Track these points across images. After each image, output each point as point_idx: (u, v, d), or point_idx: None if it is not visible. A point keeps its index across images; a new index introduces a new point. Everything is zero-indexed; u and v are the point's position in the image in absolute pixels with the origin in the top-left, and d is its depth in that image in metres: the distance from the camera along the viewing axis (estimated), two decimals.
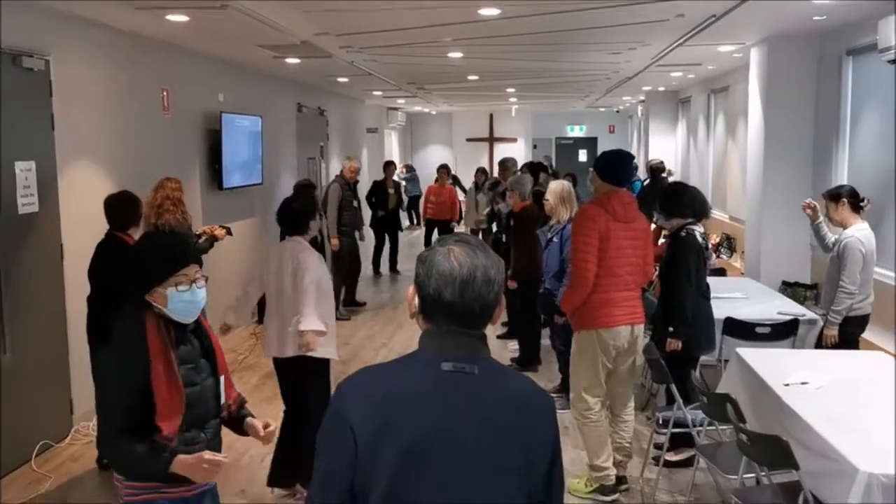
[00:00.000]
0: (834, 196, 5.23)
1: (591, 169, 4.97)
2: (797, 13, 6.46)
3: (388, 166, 12.14)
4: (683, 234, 4.77)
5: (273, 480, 4.57)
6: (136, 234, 4.91)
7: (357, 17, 6.20)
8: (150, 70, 6.95)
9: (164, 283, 2.60)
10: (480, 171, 12.43)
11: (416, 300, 1.68)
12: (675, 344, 4.68)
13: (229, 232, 6.10)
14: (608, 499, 4.47)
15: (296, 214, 4.51)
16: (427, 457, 1.56)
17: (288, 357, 4.35)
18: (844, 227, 5.15)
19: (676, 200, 4.94)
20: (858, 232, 5.08)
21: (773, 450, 3.29)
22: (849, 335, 5.15)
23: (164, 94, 7.20)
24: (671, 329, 4.67)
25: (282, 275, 4.36)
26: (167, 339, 2.63)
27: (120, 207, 4.97)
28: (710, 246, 5.00)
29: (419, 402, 1.59)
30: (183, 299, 2.63)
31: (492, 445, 1.59)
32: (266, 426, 2.85)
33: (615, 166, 4.46)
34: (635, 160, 7.53)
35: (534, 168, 9.70)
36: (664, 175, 11.45)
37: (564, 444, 5.40)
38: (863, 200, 5.23)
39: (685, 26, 6.82)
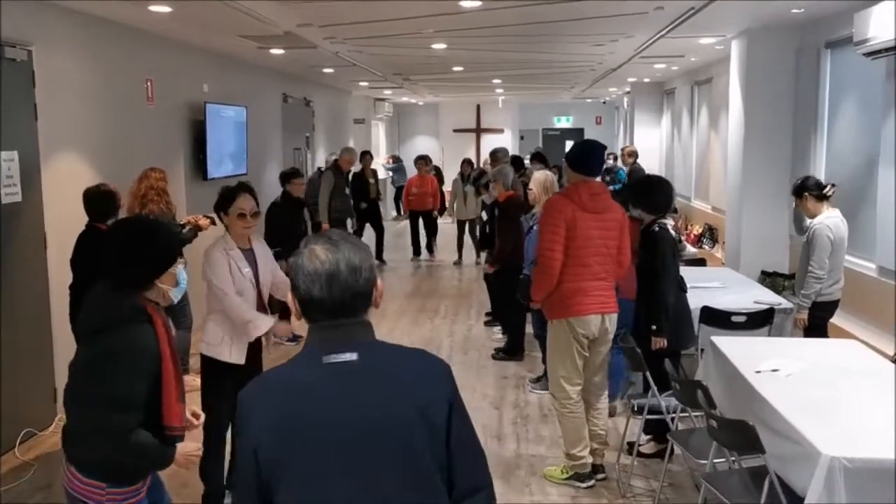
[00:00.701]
0: (796, 191, 5.40)
1: (562, 160, 5.00)
2: (776, 6, 6.54)
3: (365, 156, 12.18)
4: (656, 228, 4.74)
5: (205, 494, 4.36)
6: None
7: (338, 8, 6.24)
8: (134, 60, 6.96)
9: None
10: (466, 163, 12.50)
11: (296, 304, 1.76)
12: (660, 342, 4.63)
13: (213, 222, 6.13)
14: (584, 485, 4.54)
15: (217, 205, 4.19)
16: (324, 449, 1.65)
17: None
18: (814, 216, 5.30)
19: (647, 194, 4.91)
20: (828, 219, 5.24)
21: (739, 434, 3.37)
22: (818, 319, 5.29)
23: (149, 84, 7.22)
24: (654, 328, 4.62)
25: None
26: (169, 328, 2.67)
27: (98, 200, 5.03)
28: (682, 238, 5.02)
29: (307, 399, 1.68)
30: (183, 277, 2.69)
31: (384, 422, 1.66)
32: (195, 415, 2.87)
33: (585, 156, 4.50)
34: (608, 150, 7.60)
35: (515, 161, 9.75)
36: (635, 162, 11.58)
37: (541, 429, 5.50)
38: (825, 188, 5.32)
39: (665, 19, 6.89)
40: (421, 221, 12.77)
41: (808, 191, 5.31)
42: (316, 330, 1.74)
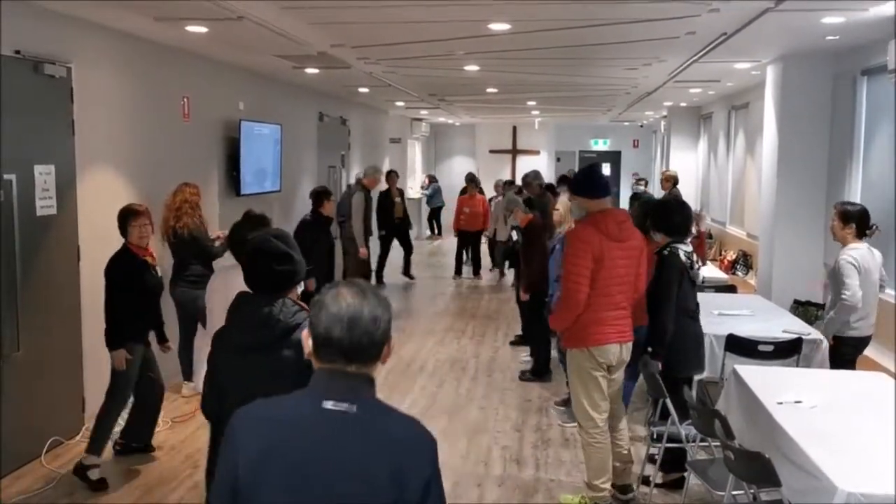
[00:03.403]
0: (844, 216, 5.22)
1: (569, 195, 4.90)
2: (810, 32, 6.48)
3: (391, 175, 12.27)
4: (666, 252, 4.72)
5: None
6: (133, 239, 5.05)
7: (368, 29, 6.32)
8: (170, 78, 7.11)
9: None
10: (508, 184, 12.50)
11: (310, 341, 1.80)
12: (654, 366, 4.59)
13: None
14: None
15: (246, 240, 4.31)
16: (302, 487, 1.70)
17: None
18: (843, 244, 5.19)
19: (663, 217, 4.88)
20: (853, 251, 5.12)
21: (755, 466, 3.32)
22: (846, 355, 5.17)
23: (185, 101, 7.36)
24: (649, 349, 4.62)
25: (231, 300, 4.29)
26: None
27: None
28: (697, 264, 4.94)
29: (298, 436, 1.73)
30: None
31: (362, 480, 1.69)
32: None
33: (594, 180, 4.45)
34: (640, 175, 7.49)
35: (549, 188, 9.74)
36: (673, 187, 11.47)
37: (562, 454, 5.46)
38: (871, 228, 5.21)
39: (697, 44, 6.86)
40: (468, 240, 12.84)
41: (854, 221, 5.18)
42: (324, 373, 1.78)
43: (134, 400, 5.32)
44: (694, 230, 5.20)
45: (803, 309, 7.57)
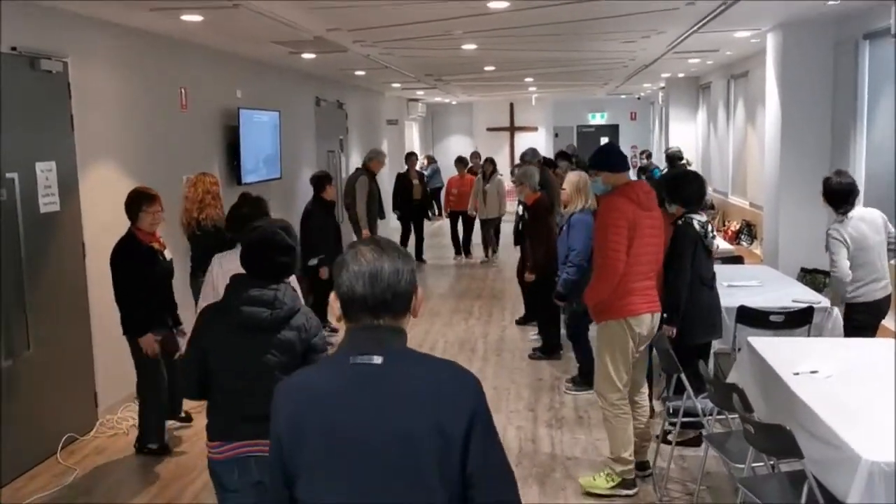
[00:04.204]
0: (823, 187, 5.27)
1: (592, 173, 4.92)
2: None
3: (410, 157, 12.23)
4: (681, 222, 4.83)
5: None
6: (145, 225, 5.04)
7: (365, 12, 6.24)
8: (167, 68, 7.05)
9: None
10: (488, 162, 12.44)
11: (337, 303, 1.80)
12: (669, 331, 4.72)
13: None
14: (631, 492, 4.44)
15: (246, 220, 4.30)
16: (338, 447, 1.70)
17: None
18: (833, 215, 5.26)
19: (678, 188, 5.01)
20: (838, 224, 5.15)
21: (776, 439, 3.31)
22: (860, 322, 5.17)
23: (182, 91, 7.30)
24: (664, 315, 4.68)
25: None
26: None
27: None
28: (711, 233, 5.00)
29: (329, 397, 1.74)
30: None
31: (400, 431, 1.68)
32: None
33: (613, 155, 4.49)
34: (643, 148, 7.47)
35: (547, 162, 9.68)
36: (682, 162, 11.41)
37: (577, 431, 5.46)
38: (848, 205, 5.15)
39: (697, 14, 6.78)
40: (460, 222, 12.81)
41: (826, 197, 5.22)
42: (351, 332, 1.79)
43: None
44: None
45: (811, 277, 7.55)
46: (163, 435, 5.35)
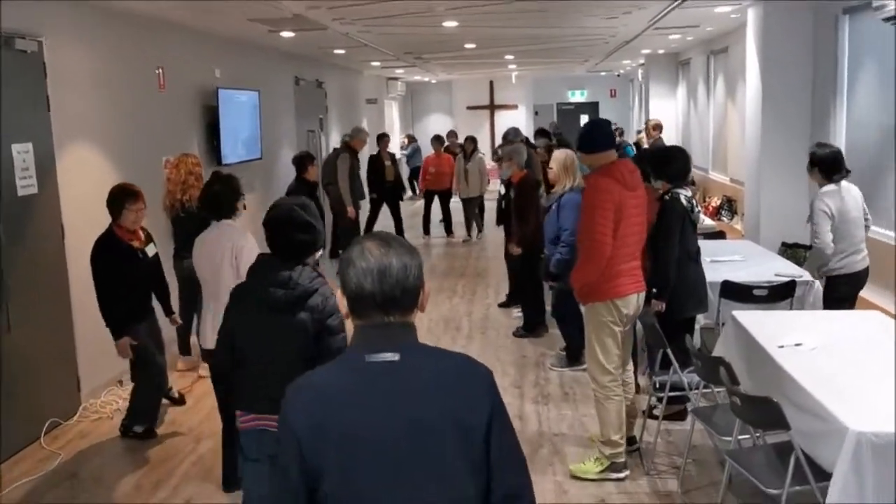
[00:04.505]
0: (811, 159, 5.36)
1: (577, 152, 4.91)
2: None
3: (383, 138, 12.15)
4: (668, 197, 4.82)
5: (229, 483, 4.34)
6: (127, 223, 4.98)
7: None
8: (144, 48, 6.94)
9: None
10: (469, 140, 12.39)
11: (345, 301, 1.78)
12: (658, 305, 4.71)
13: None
14: (622, 475, 4.41)
15: (218, 198, 4.35)
16: (361, 449, 1.68)
17: None
18: (820, 186, 5.31)
19: (664, 164, 4.97)
20: (824, 195, 5.22)
21: (763, 411, 3.34)
22: (842, 293, 5.24)
23: (160, 71, 7.20)
24: (654, 290, 4.68)
25: (217, 261, 4.23)
26: None
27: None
28: (697, 208, 5.02)
29: (346, 399, 1.71)
30: None
31: (418, 428, 1.67)
32: None
33: (599, 133, 4.40)
34: (614, 125, 7.51)
35: (526, 143, 9.64)
36: (659, 137, 11.43)
37: (563, 408, 5.49)
38: (840, 173, 5.24)
39: None
40: (437, 201, 12.76)
41: (817, 165, 5.27)
42: (361, 330, 1.77)
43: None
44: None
45: (792, 251, 7.60)
46: (154, 419, 5.32)
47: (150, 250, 5.19)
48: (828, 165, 5.24)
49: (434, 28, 8.80)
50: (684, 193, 4.84)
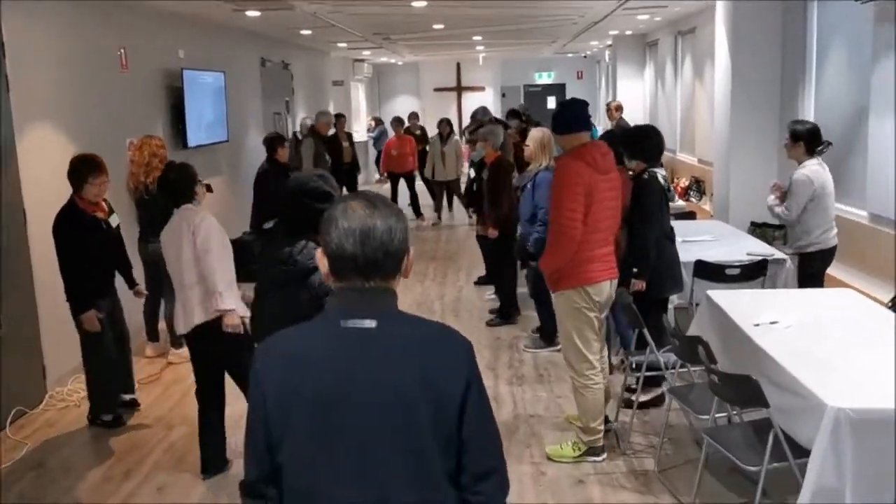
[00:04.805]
0: (793, 134, 5.40)
1: (552, 134, 4.86)
2: None
3: (339, 119, 12.01)
4: (646, 176, 4.77)
5: (208, 467, 4.35)
6: (90, 195, 4.86)
7: None
8: (106, 28, 6.75)
9: None
10: (444, 123, 12.32)
11: (325, 261, 1.71)
12: (639, 284, 4.66)
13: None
14: (599, 459, 4.39)
15: (174, 185, 4.27)
16: (330, 414, 1.63)
17: (200, 327, 4.12)
18: (798, 163, 5.37)
19: (638, 143, 4.89)
20: (805, 168, 5.30)
21: (742, 389, 3.35)
22: (815, 269, 5.31)
23: (122, 52, 7.01)
24: (635, 270, 4.66)
25: (179, 245, 4.14)
26: None
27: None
28: (671, 187, 5.03)
29: (319, 362, 1.65)
30: None
31: (394, 393, 1.62)
32: None
33: (575, 113, 4.31)
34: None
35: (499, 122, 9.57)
36: (621, 117, 11.47)
37: (538, 390, 5.48)
38: (821, 145, 5.31)
39: None
40: (403, 183, 12.69)
41: (803, 139, 5.30)
42: (339, 293, 1.70)
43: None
44: None
45: (761, 230, 7.67)
46: (115, 405, 5.20)
47: (114, 220, 5.08)
48: (812, 139, 5.29)
49: (403, 8, 8.70)
50: (661, 172, 4.83)
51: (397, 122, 13.08)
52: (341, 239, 1.65)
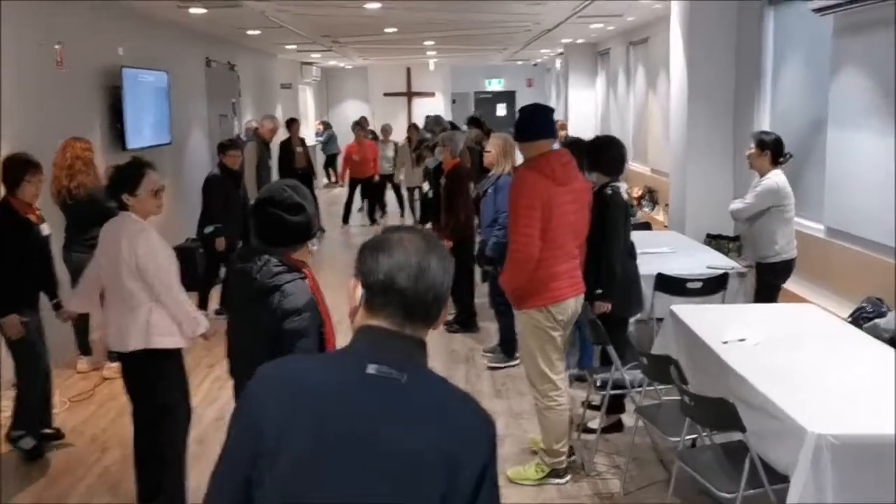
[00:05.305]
0: (760, 143, 5.30)
1: (514, 141, 4.64)
2: None
3: (293, 124, 11.74)
4: (609, 191, 4.50)
5: (143, 497, 3.88)
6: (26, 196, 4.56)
7: None
8: (40, 22, 6.37)
9: None
10: (413, 128, 12.15)
11: (360, 291, 1.52)
12: (604, 306, 4.42)
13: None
14: (563, 481, 4.20)
15: (115, 175, 3.82)
16: (333, 463, 1.42)
17: (132, 351, 3.70)
18: (761, 174, 5.28)
19: (601, 154, 4.67)
20: (778, 177, 5.22)
21: (718, 412, 3.21)
22: (772, 281, 5.25)
23: (58, 47, 6.63)
24: (599, 291, 4.40)
25: (118, 257, 3.67)
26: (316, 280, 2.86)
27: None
28: (633, 203, 4.86)
29: (333, 401, 1.44)
30: None
31: (407, 458, 1.42)
32: None
33: (539, 119, 4.10)
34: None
35: (455, 128, 9.41)
36: (567, 135, 11.39)
37: (495, 405, 5.29)
38: (785, 156, 5.27)
39: None
40: (359, 189, 12.45)
41: (770, 149, 5.22)
42: (370, 332, 1.50)
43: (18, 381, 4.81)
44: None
45: (716, 243, 7.62)
46: (38, 426, 4.78)
47: (45, 229, 4.75)
48: (778, 147, 5.23)
49: (355, 9, 8.46)
50: (623, 187, 4.65)
51: (359, 126, 12.80)
52: (393, 270, 1.47)
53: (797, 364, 3.60)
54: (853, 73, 5.63)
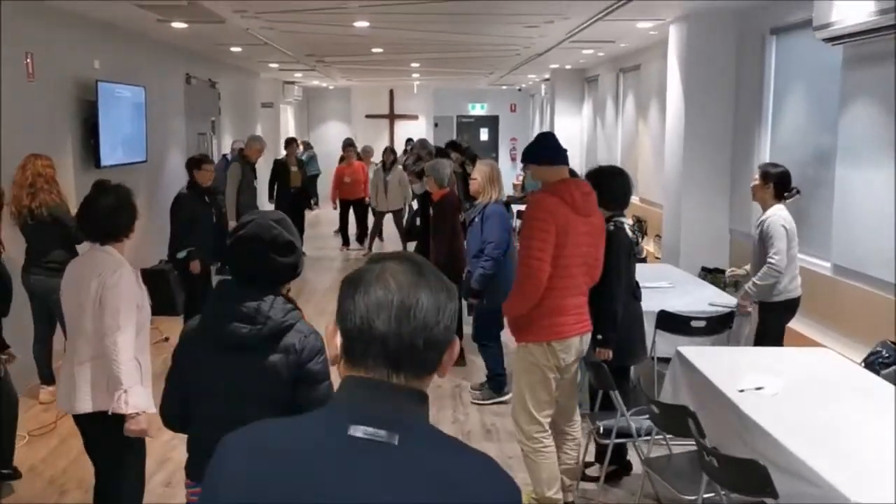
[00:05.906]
0: (764, 175, 5.05)
1: (522, 166, 4.37)
2: None
3: (290, 143, 11.45)
4: (612, 227, 4.15)
5: None
6: None
7: None
8: (10, 30, 6.02)
9: None
10: (388, 151, 11.83)
11: (339, 338, 1.24)
12: (604, 353, 4.09)
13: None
14: None
15: (106, 215, 3.33)
16: None
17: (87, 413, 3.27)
18: (764, 207, 5.03)
19: (607, 186, 4.23)
20: (782, 212, 4.96)
21: (747, 476, 2.90)
22: (776, 321, 4.98)
23: (29, 58, 6.28)
24: (599, 336, 4.07)
25: (81, 298, 3.23)
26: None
27: None
28: (639, 239, 4.53)
29: (308, 474, 1.17)
30: None
31: None
32: None
33: (551, 144, 3.90)
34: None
35: (440, 153, 9.10)
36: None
37: (486, 447, 4.93)
38: (791, 191, 5.02)
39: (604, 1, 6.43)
40: (352, 212, 12.14)
41: (773, 181, 4.97)
42: (352, 386, 1.23)
43: None
44: None
45: (712, 276, 7.39)
46: (9, 460, 4.45)
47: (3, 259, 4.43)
48: (783, 183, 4.97)
49: (343, 28, 8.19)
50: (628, 222, 4.35)
51: (351, 146, 12.45)
52: (370, 311, 1.20)
53: (824, 419, 3.32)
54: (864, 106, 5.43)
